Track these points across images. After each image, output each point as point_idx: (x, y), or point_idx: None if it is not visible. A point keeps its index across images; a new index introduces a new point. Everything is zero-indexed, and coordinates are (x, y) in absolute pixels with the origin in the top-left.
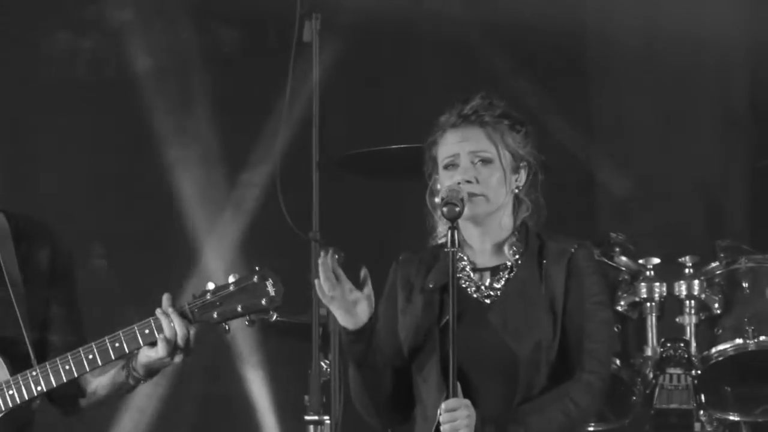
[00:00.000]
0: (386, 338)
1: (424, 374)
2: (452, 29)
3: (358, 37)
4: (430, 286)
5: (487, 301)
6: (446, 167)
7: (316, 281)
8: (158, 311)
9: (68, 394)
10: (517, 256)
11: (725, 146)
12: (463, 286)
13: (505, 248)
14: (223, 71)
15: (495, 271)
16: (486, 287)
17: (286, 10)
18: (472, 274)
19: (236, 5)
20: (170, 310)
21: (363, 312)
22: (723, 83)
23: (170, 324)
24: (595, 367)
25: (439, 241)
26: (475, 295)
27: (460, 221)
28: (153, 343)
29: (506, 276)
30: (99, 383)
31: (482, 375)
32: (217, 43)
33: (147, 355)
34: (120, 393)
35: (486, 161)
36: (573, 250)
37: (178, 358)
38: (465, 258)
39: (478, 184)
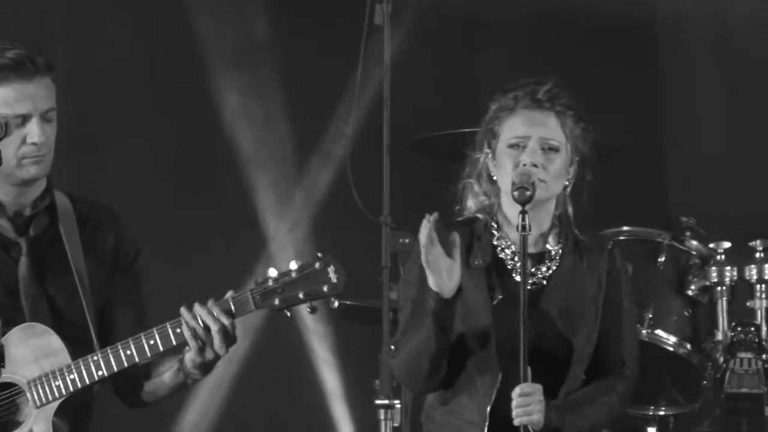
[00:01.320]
0: (426, 313)
1: (473, 349)
2: (521, 15)
3: (428, 21)
4: (477, 262)
5: (536, 286)
6: (511, 146)
7: (419, 242)
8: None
9: (131, 390)
10: (558, 247)
11: None
12: (509, 268)
13: (550, 237)
14: (294, 57)
15: (540, 258)
16: (532, 272)
17: None
18: (515, 259)
19: None
20: (197, 307)
21: (455, 278)
22: None
23: (191, 322)
24: (631, 363)
25: (475, 215)
26: (519, 279)
27: (510, 207)
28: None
29: (551, 265)
30: (158, 385)
31: (535, 361)
32: (289, 28)
33: (188, 355)
34: (182, 390)
35: (554, 149)
36: (610, 246)
37: (220, 351)
38: (510, 242)
39: (543, 171)
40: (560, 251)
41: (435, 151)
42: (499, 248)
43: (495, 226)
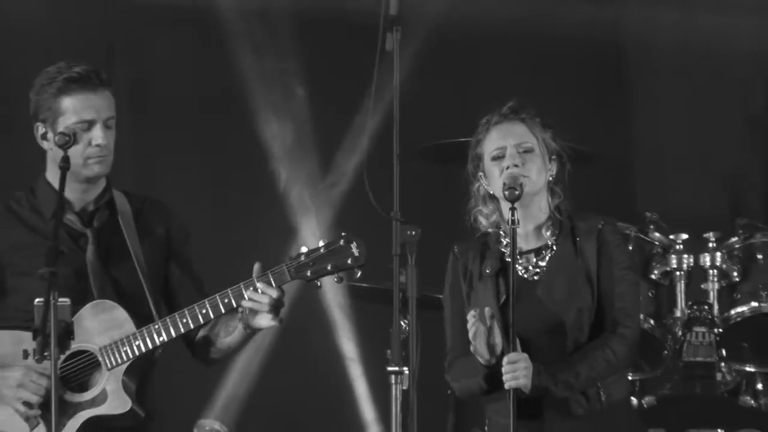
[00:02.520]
0: (460, 321)
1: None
2: (511, 41)
3: (432, 45)
4: (487, 271)
5: (535, 278)
6: (494, 158)
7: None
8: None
9: (204, 351)
10: (554, 237)
11: (745, 141)
12: (519, 264)
13: (543, 230)
14: (319, 77)
15: (538, 252)
16: (533, 267)
17: (374, 21)
18: (519, 258)
19: (332, 20)
20: (258, 274)
21: (496, 353)
22: (744, 89)
23: (251, 289)
24: (627, 322)
25: (487, 230)
26: (525, 276)
27: (508, 211)
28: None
29: (547, 255)
30: (228, 339)
31: (537, 340)
32: (314, 54)
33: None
34: (246, 343)
35: (528, 150)
36: (600, 226)
37: (273, 320)
38: (515, 231)
39: (524, 167)
40: (555, 240)
41: (439, 156)
42: (506, 254)
43: (502, 234)
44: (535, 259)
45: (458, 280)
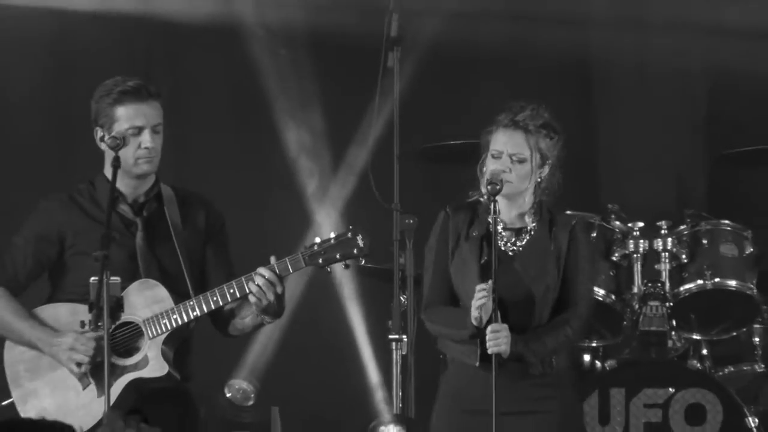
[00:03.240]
0: (442, 271)
1: (468, 294)
2: (497, 57)
3: (427, 62)
4: (474, 234)
5: (511, 253)
6: (493, 156)
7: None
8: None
9: (224, 326)
10: (534, 224)
11: (691, 146)
12: (498, 239)
13: (526, 216)
14: (329, 87)
15: (518, 232)
16: (512, 244)
17: (378, 42)
18: (503, 232)
19: (342, 40)
20: (263, 271)
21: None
22: (691, 101)
23: (257, 282)
24: (583, 305)
25: (480, 197)
26: (503, 248)
27: (488, 191)
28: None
29: (526, 237)
30: (242, 324)
31: (511, 306)
32: (327, 70)
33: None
34: (259, 329)
35: (521, 161)
36: (574, 222)
37: (268, 311)
38: (499, 219)
39: (510, 174)
40: (535, 226)
41: (433, 157)
42: (491, 225)
43: (492, 209)
44: (514, 238)
45: (446, 235)
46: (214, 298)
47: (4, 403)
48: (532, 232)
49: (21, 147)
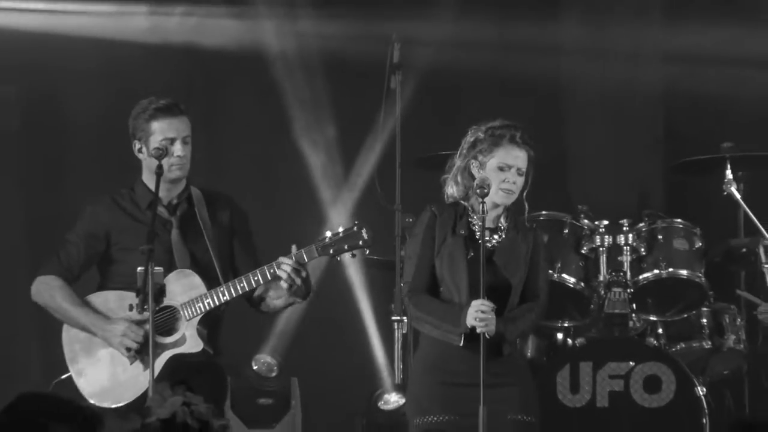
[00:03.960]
0: (427, 261)
1: (457, 287)
2: (481, 80)
3: (424, 84)
4: (461, 232)
5: (490, 246)
6: (501, 168)
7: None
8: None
9: (256, 305)
10: (506, 224)
11: (649, 156)
12: (477, 236)
13: (501, 218)
14: (341, 105)
15: (495, 231)
16: (488, 240)
17: (382, 67)
18: (484, 229)
19: (352, 65)
20: (284, 260)
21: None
22: (648, 119)
23: (284, 268)
24: (542, 296)
25: (461, 201)
26: (488, 241)
27: (479, 198)
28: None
29: (502, 235)
30: (275, 304)
31: (490, 294)
32: (339, 89)
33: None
34: (289, 306)
35: (522, 174)
36: (534, 227)
37: (297, 293)
38: (477, 220)
39: (514, 185)
40: (507, 226)
41: (429, 164)
42: (472, 224)
43: (471, 209)
44: (493, 235)
45: (433, 232)
46: (241, 285)
47: (63, 377)
48: (506, 232)
49: (77, 159)
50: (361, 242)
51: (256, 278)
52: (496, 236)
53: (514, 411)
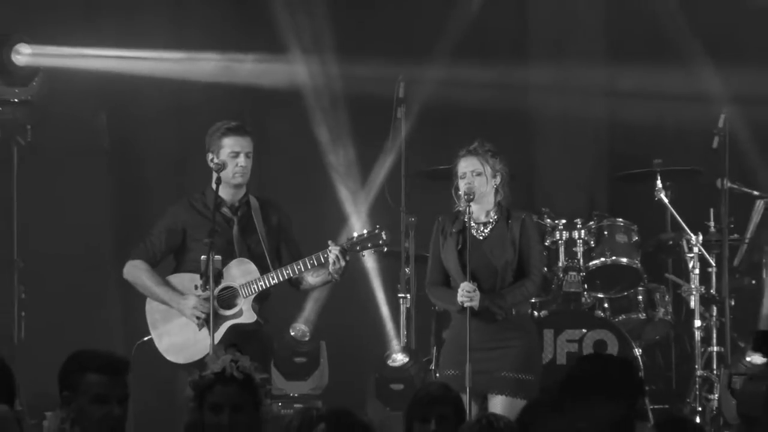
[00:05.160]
0: (438, 261)
1: (453, 274)
2: (469, 108)
3: (424, 113)
4: (453, 230)
5: (480, 238)
6: (461, 176)
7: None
8: (330, 245)
9: (296, 285)
10: (495, 218)
11: (597, 169)
12: (472, 230)
13: (491, 212)
14: (359, 131)
15: (485, 225)
16: (481, 232)
17: (390, 101)
18: (474, 224)
19: (367, 99)
20: (332, 245)
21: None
22: (597, 140)
23: (333, 254)
24: (535, 272)
25: (459, 209)
26: (476, 236)
27: (464, 200)
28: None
29: (490, 227)
30: (313, 281)
31: (480, 275)
32: (357, 115)
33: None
34: (324, 285)
35: (478, 174)
36: (524, 216)
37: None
38: (471, 216)
39: (473, 185)
40: (496, 219)
41: (428, 176)
42: (466, 223)
43: (465, 213)
44: (483, 228)
45: (438, 236)
46: (287, 271)
47: (145, 339)
48: (494, 224)
49: (153, 170)
50: (380, 242)
51: (298, 267)
52: (487, 228)
53: (509, 369)
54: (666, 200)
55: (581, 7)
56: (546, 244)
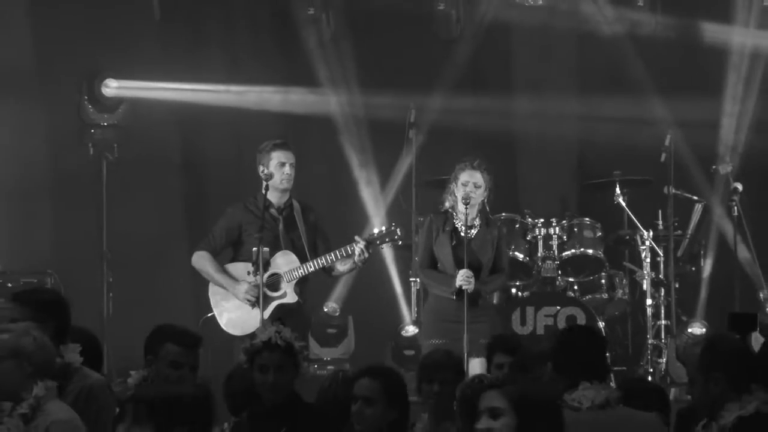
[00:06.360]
0: (429, 251)
1: (444, 264)
2: (464, 130)
3: (431, 135)
4: (447, 229)
5: (470, 236)
6: (463, 184)
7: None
8: (356, 240)
9: (329, 272)
10: (480, 222)
11: (569, 179)
12: (462, 231)
13: (477, 218)
14: (378, 151)
15: (472, 227)
16: (468, 233)
17: (402, 125)
18: (464, 226)
19: (384, 124)
20: (358, 239)
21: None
22: (569, 155)
23: (359, 247)
24: (506, 268)
25: (449, 208)
26: (464, 234)
27: (461, 207)
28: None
29: (476, 230)
30: (342, 268)
31: (468, 266)
32: (377, 139)
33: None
34: (351, 271)
35: (478, 186)
36: (499, 224)
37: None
38: (459, 220)
39: (473, 194)
40: (480, 223)
41: (432, 185)
42: (456, 223)
43: (454, 214)
44: (470, 230)
45: (431, 230)
46: (322, 261)
47: (208, 315)
48: (480, 227)
49: (216, 182)
50: (396, 237)
51: (331, 257)
52: (473, 230)
53: (485, 337)
54: (623, 203)
55: (556, 49)
56: (528, 238)
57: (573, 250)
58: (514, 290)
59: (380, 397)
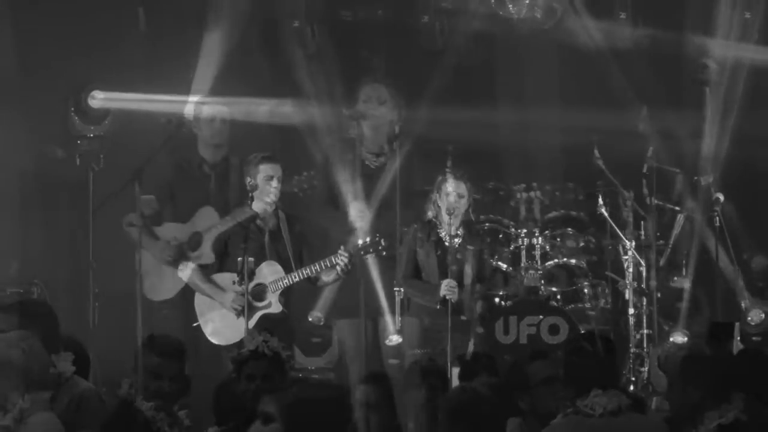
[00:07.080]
0: (413, 262)
1: (429, 274)
2: (452, 140)
3: (418, 146)
4: (433, 239)
5: (453, 246)
6: (447, 194)
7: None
8: (341, 250)
9: (314, 282)
10: (462, 233)
11: (553, 188)
12: (446, 240)
13: (461, 227)
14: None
15: (456, 235)
16: (452, 243)
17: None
18: (448, 236)
19: None
20: (342, 250)
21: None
22: (552, 166)
23: (342, 258)
24: (489, 276)
25: (433, 218)
26: (447, 244)
27: (444, 216)
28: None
29: (460, 239)
30: (327, 279)
31: (452, 275)
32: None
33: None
34: (335, 282)
35: (462, 196)
36: (482, 233)
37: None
38: (442, 230)
39: (458, 206)
40: (463, 232)
41: (417, 195)
42: (439, 233)
43: (438, 224)
44: (454, 240)
45: (414, 240)
46: (306, 271)
47: (195, 324)
48: (463, 237)
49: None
50: (380, 248)
51: (316, 268)
52: (456, 240)
53: (467, 348)
54: (606, 214)
55: (539, 62)
56: (511, 248)
57: (556, 260)
58: (497, 299)
59: (385, 403)
